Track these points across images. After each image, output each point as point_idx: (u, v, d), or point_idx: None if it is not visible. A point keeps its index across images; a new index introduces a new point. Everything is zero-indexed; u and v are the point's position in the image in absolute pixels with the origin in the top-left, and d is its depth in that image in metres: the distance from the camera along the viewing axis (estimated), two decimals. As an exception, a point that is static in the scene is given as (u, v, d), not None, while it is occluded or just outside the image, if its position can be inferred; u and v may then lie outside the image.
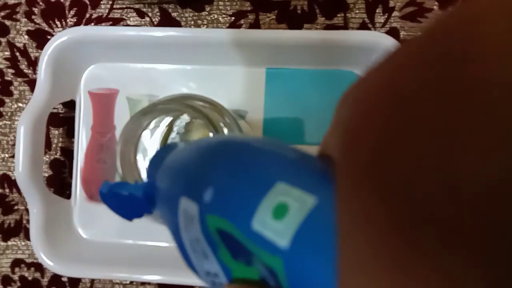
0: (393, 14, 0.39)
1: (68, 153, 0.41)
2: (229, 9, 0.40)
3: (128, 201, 0.25)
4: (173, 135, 0.37)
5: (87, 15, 0.41)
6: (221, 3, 0.40)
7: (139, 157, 0.39)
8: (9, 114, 0.42)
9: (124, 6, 0.41)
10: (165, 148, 0.25)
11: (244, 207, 0.13)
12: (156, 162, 0.24)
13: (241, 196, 0.14)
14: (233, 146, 0.17)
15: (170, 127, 0.38)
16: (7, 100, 0.42)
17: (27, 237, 0.41)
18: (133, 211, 0.26)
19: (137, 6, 0.41)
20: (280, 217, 0.12)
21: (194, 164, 0.17)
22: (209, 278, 0.16)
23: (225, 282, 0.16)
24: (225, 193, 0.14)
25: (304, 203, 0.12)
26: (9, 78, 0.42)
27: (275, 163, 0.15)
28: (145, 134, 0.39)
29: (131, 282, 0.40)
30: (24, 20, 0.42)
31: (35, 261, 0.41)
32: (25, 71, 0.42)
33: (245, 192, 0.14)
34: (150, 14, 0.41)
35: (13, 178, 0.41)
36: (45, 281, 0.41)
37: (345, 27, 0.39)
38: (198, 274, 0.17)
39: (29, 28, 0.42)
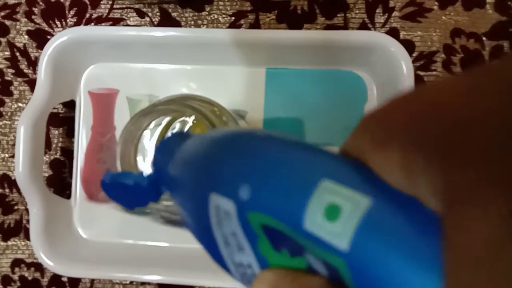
0: (393, 14, 0.39)
1: (68, 153, 0.41)
2: (229, 9, 0.40)
3: (132, 191, 0.25)
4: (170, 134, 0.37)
5: (87, 15, 0.41)
6: (221, 3, 0.40)
7: (139, 158, 0.39)
8: (9, 114, 0.42)
9: (124, 6, 0.41)
10: (176, 136, 0.25)
11: (291, 207, 0.13)
12: (165, 151, 0.23)
13: (284, 195, 0.13)
14: (263, 140, 0.16)
15: (168, 127, 0.38)
16: (7, 100, 0.42)
17: (27, 237, 0.41)
18: (136, 200, 0.26)
19: (137, 6, 0.41)
20: (333, 219, 0.12)
21: (222, 159, 0.17)
22: (240, 269, 0.16)
23: (258, 272, 0.15)
24: (265, 191, 0.14)
25: (357, 204, 0.11)
26: (9, 78, 0.42)
27: (314, 158, 0.14)
28: (145, 135, 0.39)
29: (131, 282, 0.40)
30: (24, 20, 0.42)
31: (35, 261, 0.41)
32: (25, 71, 0.42)
33: (288, 190, 0.13)
34: (150, 14, 0.41)
35: (13, 178, 0.41)
36: (45, 281, 0.41)
37: (345, 27, 0.39)
38: (226, 266, 0.17)
39: (29, 28, 0.42)
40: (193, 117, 0.37)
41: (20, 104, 0.42)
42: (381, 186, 0.12)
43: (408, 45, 0.38)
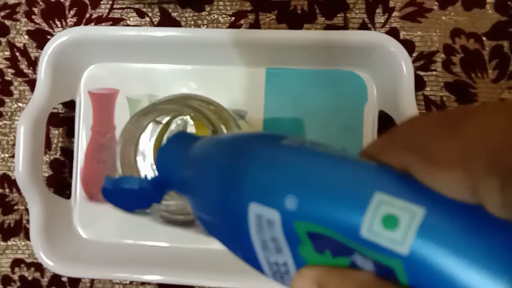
0: (393, 14, 0.39)
1: (68, 153, 0.41)
2: (229, 9, 0.40)
3: (135, 194, 0.25)
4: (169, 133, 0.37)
5: (87, 15, 0.41)
6: (221, 3, 0.40)
7: (139, 157, 0.39)
8: (9, 114, 0.42)
9: (124, 6, 0.41)
10: (181, 137, 0.24)
11: (344, 217, 0.14)
12: (172, 152, 0.23)
13: (337, 206, 0.14)
14: (302, 151, 0.17)
15: (167, 126, 0.38)
16: (7, 100, 0.42)
17: (27, 237, 0.41)
18: (139, 203, 0.26)
19: (137, 6, 0.41)
20: (392, 227, 0.13)
21: (260, 170, 0.17)
22: (274, 267, 0.17)
23: (294, 270, 0.16)
24: (315, 202, 0.15)
25: (413, 214, 0.13)
26: (9, 78, 0.42)
27: (362, 169, 0.15)
28: (145, 135, 0.39)
29: (131, 282, 0.40)
30: (24, 20, 0.42)
31: (35, 261, 0.41)
32: (25, 71, 0.42)
33: (340, 202, 0.14)
34: (150, 14, 0.41)
35: (13, 178, 0.41)
36: (45, 281, 0.41)
37: (345, 27, 0.39)
38: (259, 265, 0.17)
39: (29, 28, 0.42)
40: (188, 117, 0.37)
41: (20, 104, 0.42)
42: (432, 196, 0.13)
43: (408, 45, 0.38)
